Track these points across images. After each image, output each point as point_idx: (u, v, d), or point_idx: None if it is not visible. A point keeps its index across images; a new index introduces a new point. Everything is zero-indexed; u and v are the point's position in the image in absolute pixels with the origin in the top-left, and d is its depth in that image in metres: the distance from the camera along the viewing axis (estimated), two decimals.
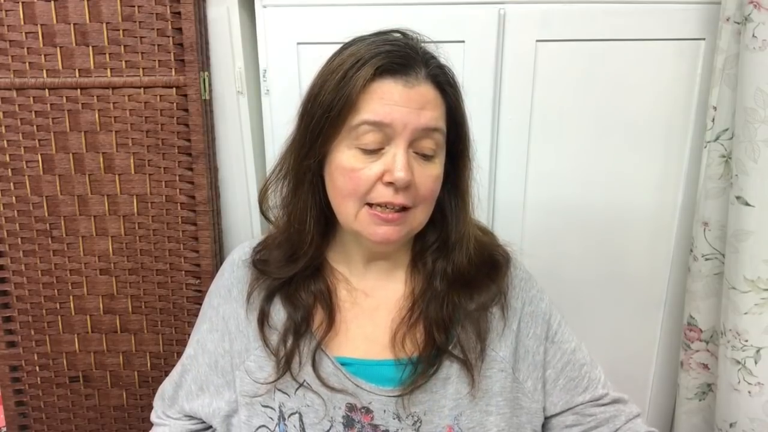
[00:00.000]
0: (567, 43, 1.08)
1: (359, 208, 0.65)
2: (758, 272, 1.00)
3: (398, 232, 0.65)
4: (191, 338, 0.80)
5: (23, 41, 1.03)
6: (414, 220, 0.67)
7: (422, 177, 0.64)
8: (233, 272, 0.77)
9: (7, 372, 1.18)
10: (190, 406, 0.77)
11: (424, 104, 0.63)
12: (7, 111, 1.06)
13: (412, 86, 0.63)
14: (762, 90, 0.93)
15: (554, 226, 1.19)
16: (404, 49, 0.64)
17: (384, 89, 0.62)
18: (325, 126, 0.64)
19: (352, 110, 0.62)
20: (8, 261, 1.12)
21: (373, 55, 0.63)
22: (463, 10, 1.05)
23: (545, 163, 1.15)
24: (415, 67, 0.64)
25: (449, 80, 0.68)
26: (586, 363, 0.75)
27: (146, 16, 1.03)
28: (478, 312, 0.70)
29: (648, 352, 1.28)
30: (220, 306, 0.76)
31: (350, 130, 0.63)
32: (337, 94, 0.62)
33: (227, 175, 1.16)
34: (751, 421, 1.06)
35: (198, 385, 0.76)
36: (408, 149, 0.63)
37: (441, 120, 0.66)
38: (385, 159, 0.63)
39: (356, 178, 0.63)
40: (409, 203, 0.64)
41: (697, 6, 1.06)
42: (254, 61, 1.12)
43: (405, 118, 0.62)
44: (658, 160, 1.15)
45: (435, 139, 0.65)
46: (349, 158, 0.63)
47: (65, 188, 1.10)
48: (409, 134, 0.62)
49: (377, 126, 0.62)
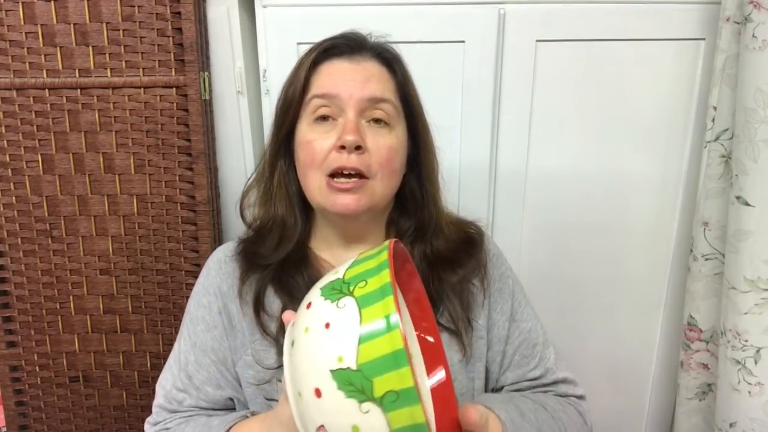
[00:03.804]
0: (567, 43, 1.08)
1: (321, 181, 0.69)
2: (758, 272, 1.00)
3: (357, 200, 0.68)
4: (180, 344, 0.76)
5: (23, 41, 1.03)
6: (373, 190, 0.69)
7: (376, 144, 0.68)
8: (221, 269, 0.77)
9: (7, 372, 1.18)
10: (207, 400, 0.74)
11: (369, 77, 0.69)
12: (7, 111, 1.06)
13: (358, 62, 0.70)
14: (762, 90, 0.93)
15: (554, 225, 1.19)
16: (351, 36, 0.73)
17: (331, 68, 0.70)
18: (286, 109, 0.72)
19: (305, 89, 0.70)
20: (8, 261, 1.12)
21: (322, 42, 0.72)
22: (463, 10, 1.05)
23: (545, 162, 1.15)
24: (360, 49, 0.71)
25: (395, 57, 0.74)
26: (539, 343, 0.78)
27: (146, 16, 1.03)
28: (461, 284, 0.74)
29: (648, 352, 1.28)
30: (212, 304, 0.75)
31: (305, 107, 0.70)
32: (293, 79, 0.71)
33: (227, 175, 1.16)
34: (751, 421, 1.06)
35: (214, 385, 0.74)
36: (358, 117, 0.68)
37: (388, 92, 0.71)
38: (338, 128, 0.68)
39: (313, 149, 0.69)
40: (362, 168, 0.67)
41: (697, 6, 1.06)
42: (254, 61, 1.12)
43: (350, 89, 0.68)
44: (658, 160, 1.15)
45: (385, 109, 0.70)
46: (306, 132, 0.70)
47: (65, 188, 1.10)
48: (356, 103, 0.68)
49: (326, 98, 0.68)
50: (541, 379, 0.77)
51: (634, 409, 1.32)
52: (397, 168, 0.72)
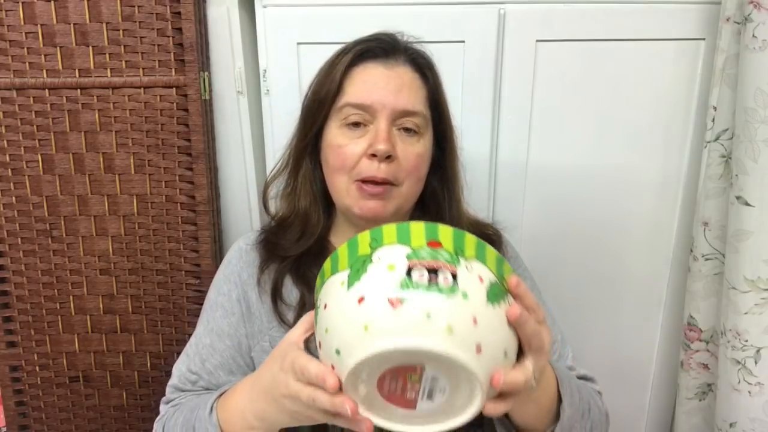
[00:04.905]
0: (567, 43, 1.08)
1: (349, 184, 0.71)
2: (758, 272, 1.00)
3: (384, 206, 0.70)
4: (200, 329, 0.78)
5: (23, 41, 1.03)
6: (400, 196, 0.71)
7: (405, 152, 0.70)
8: (242, 258, 0.79)
9: (7, 372, 1.18)
10: (218, 384, 0.75)
11: (402, 86, 0.70)
12: (7, 111, 1.06)
13: (392, 67, 0.71)
14: (762, 90, 0.93)
15: (554, 226, 1.19)
16: (385, 38, 0.73)
17: (366, 72, 0.71)
18: (316, 110, 0.72)
19: (338, 93, 0.71)
20: (8, 261, 1.12)
21: (356, 44, 0.72)
22: (463, 10, 1.05)
23: (545, 163, 1.15)
24: (395, 53, 0.72)
25: (428, 63, 0.75)
26: (557, 341, 0.80)
27: (146, 16, 1.03)
28: None
29: (648, 352, 1.28)
30: (232, 291, 0.77)
31: (337, 111, 0.71)
32: (325, 79, 0.72)
33: (227, 175, 1.16)
34: (751, 421, 1.06)
35: (227, 370, 0.75)
36: (390, 125, 0.69)
37: (420, 103, 0.72)
38: (369, 135, 0.69)
39: (343, 154, 0.70)
40: (391, 178, 0.69)
41: (697, 6, 1.06)
42: (254, 61, 1.12)
43: (384, 99, 0.69)
44: (658, 160, 1.15)
45: (415, 120, 0.71)
46: (337, 136, 0.71)
47: (65, 188, 1.10)
48: (389, 114, 0.69)
49: (359, 108, 0.69)
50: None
51: (634, 409, 1.32)
52: (423, 174, 0.74)
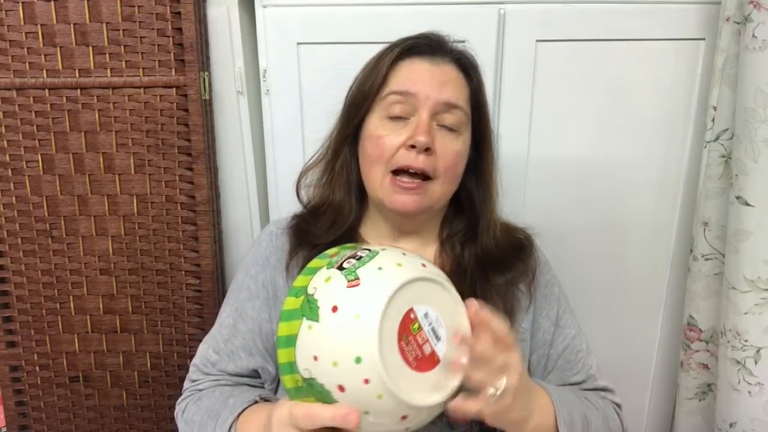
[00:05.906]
0: (567, 43, 1.08)
1: (384, 176, 0.71)
2: (758, 272, 1.00)
3: (417, 201, 0.70)
4: (225, 309, 0.79)
5: (23, 41, 1.03)
6: (433, 192, 0.71)
7: (444, 148, 0.70)
8: (272, 241, 0.79)
9: (7, 372, 1.18)
10: (236, 367, 0.76)
11: (446, 81, 0.70)
12: (7, 111, 1.06)
13: (437, 64, 0.71)
14: (762, 90, 0.93)
15: (554, 225, 1.19)
16: (432, 36, 0.74)
17: (411, 66, 0.71)
18: (360, 101, 0.73)
19: (383, 84, 0.71)
20: (8, 261, 1.12)
21: (403, 41, 0.73)
22: (463, 10, 1.05)
23: (545, 162, 1.15)
24: (441, 51, 0.73)
25: (473, 64, 0.75)
26: (582, 350, 0.80)
27: (146, 16, 1.03)
28: (507, 287, 0.75)
29: (648, 352, 1.28)
30: (259, 274, 0.78)
31: (380, 101, 0.71)
32: (371, 72, 0.73)
33: (227, 175, 1.16)
34: (751, 421, 1.06)
35: (247, 352, 0.76)
36: (431, 119, 0.69)
37: (462, 99, 0.72)
38: (409, 127, 0.70)
39: (382, 144, 0.70)
40: (429, 170, 0.69)
41: (697, 6, 1.06)
42: (254, 61, 1.12)
43: (428, 90, 0.69)
44: (658, 160, 1.15)
45: (457, 116, 0.71)
46: (378, 127, 0.71)
47: (65, 188, 1.10)
48: (432, 105, 0.69)
49: (403, 95, 0.70)
50: (583, 385, 0.79)
51: (634, 409, 1.32)
52: (459, 173, 0.74)
